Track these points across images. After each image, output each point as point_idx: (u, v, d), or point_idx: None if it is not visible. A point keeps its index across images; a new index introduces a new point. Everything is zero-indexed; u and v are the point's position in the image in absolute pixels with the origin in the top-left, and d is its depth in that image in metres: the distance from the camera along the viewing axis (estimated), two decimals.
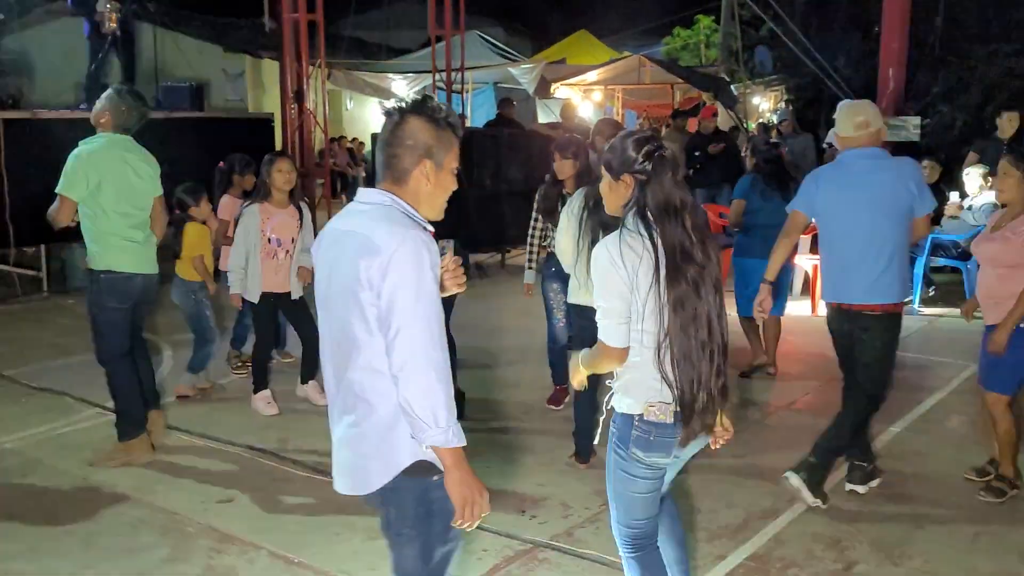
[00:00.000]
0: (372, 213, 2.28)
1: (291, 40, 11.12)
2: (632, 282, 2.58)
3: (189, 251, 5.62)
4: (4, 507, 4.25)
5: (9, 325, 7.77)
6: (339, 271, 2.27)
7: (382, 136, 2.36)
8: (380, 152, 2.36)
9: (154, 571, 3.67)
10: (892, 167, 4.18)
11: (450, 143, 2.36)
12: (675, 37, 25.29)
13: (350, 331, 2.26)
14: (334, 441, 2.43)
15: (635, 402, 2.70)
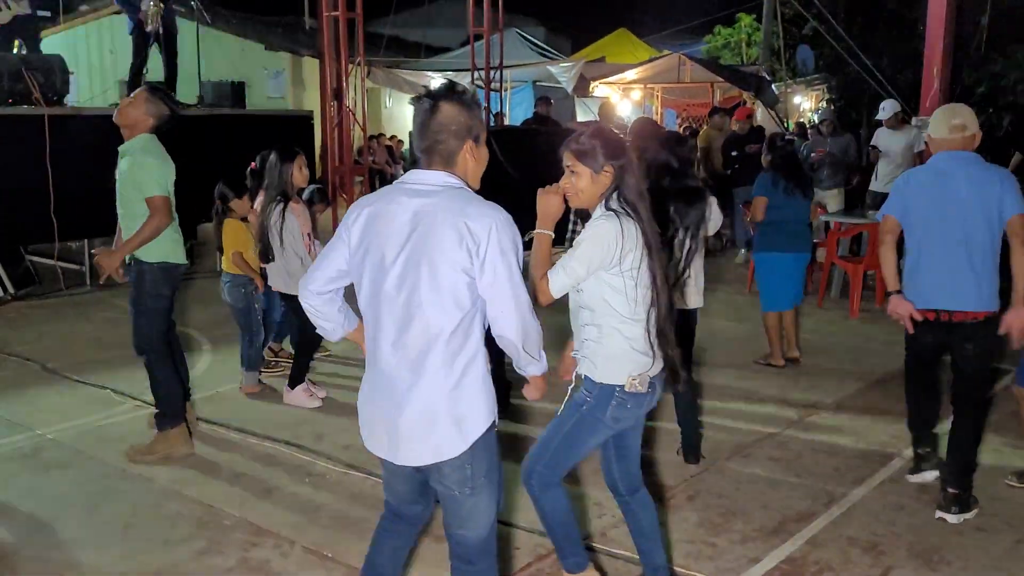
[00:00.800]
0: (449, 194, 2.48)
1: (331, 38, 11.21)
2: (615, 260, 2.88)
3: (229, 247, 5.69)
4: (46, 497, 4.34)
5: (52, 318, 7.92)
6: (427, 247, 2.44)
7: (420, 122, 2.51)
8: (421, 139, 2.52)
9: (190, 563, 3.71)
10: (985, 171, 4.06)
11: (481, 120, 2.60)
12: (716, 36, 25.10)
13: (441, 303, 2.45)
14: (411, 410, 2.53)
15: (618, 374, 2.98)
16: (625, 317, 2.95)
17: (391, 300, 2.50)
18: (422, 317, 2.47)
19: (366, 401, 2.66)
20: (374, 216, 2.53)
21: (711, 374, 6.20)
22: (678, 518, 4.10)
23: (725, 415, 5.44)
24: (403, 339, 2.50)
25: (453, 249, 2.42)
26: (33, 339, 7.15)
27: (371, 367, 2.62)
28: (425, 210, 2.46)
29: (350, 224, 2.57)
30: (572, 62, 17.44)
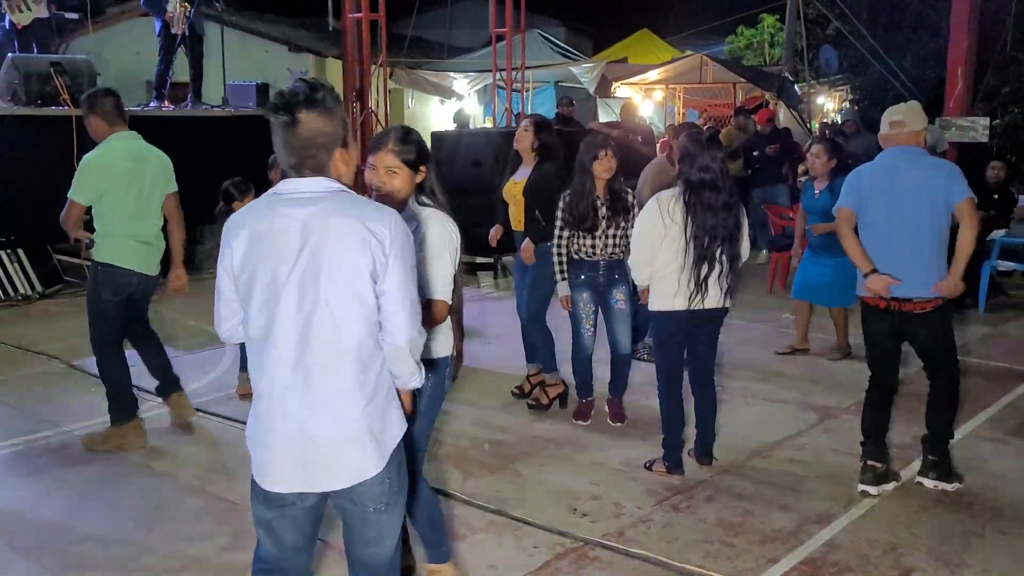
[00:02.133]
0: (337, 199, 2.31)
1: (354, 39, 11.28)
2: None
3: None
4: (70, 493, 4.41)
5: (78, 316, 7.97)
6: (325, 256, 2.27)
7: (282, 140, 2.30)
8: (287, 156, 2.32)
9: (213, 558, 3.77)
10: (931, 163, 4.28)
11: (346, 120, 2.42)
12: (739, 36, 24.99)
13: (351, 313, 2.31)
14: (325, 434, 2.36)
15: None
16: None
17: (289, 320, 2.29)
18: (328, 332, 2.30)
19: (260, 438, 2.40)
20: (256, 236, 2.31)
21: (731, 375, 6.19)
22: (696, 518, 4.11)
23: (745, 416, 5.44)
24: (305, 360, 2.31)
25: (357, 253, 2.27)
26: (59, 337, 7.24)
27: (263, 399, 2.38)
28: (315, 218, 2.28)
29: (230, 250, 2.34)
30: (594, 63, 17.43)
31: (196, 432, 5.23)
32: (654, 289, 4.48)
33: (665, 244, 4.34)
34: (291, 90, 2.30)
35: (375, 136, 3.09)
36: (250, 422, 2.45)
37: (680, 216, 4.31)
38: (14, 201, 8.37)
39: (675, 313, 4.43)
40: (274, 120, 2.30)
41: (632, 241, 4.54)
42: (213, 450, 4.94)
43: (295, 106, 2.27)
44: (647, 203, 4.46)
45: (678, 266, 4.34)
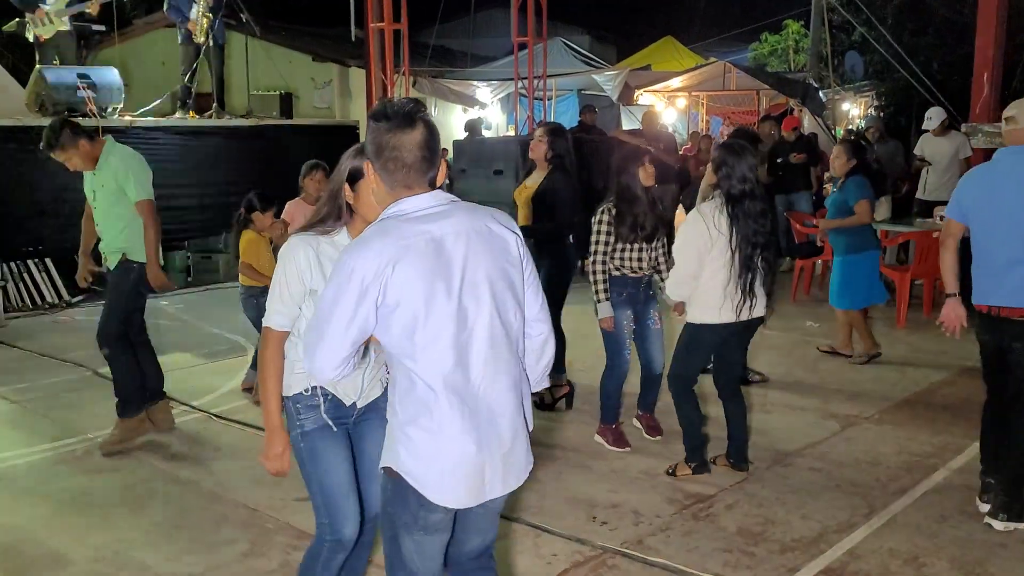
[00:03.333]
0: (462, 206, 2.38)
1: (377, 49, 11.35)
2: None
3: (241, 256, 5.77)
4: (97, 499, 4.47)
5: None
6: (482, 264, 2.32)
7: (430, 146, 2.32)
8: (429, 166, 2.32)
9: (234, 564, 3.80)
10: None
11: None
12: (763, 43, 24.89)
13: (514, 317, 2.40)
14: (505, 439, 2.36)
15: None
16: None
17: (470, 328, 2.30)
18: (503, 332, 2.35)
19: (460, 448, 2.30)
20: (413, 262, 2.24)
21: (752, 383, 6.15)
22: (716, 527, 4.09)
23: (765, 424, 5.40)
24: (492, 370, 2.33)
25: (503, 256, 2.37)
26: (86, 345, 7.29)
27: (455, 408, 2.29)
28: (460, 228, 2.31)
29: (380, 284, 2.23)
30: (617, 70, 17.43)
31: (219, 439, 5.27)
32: (696, 302, 4.41)
33: (711, 256, 4.30)
34: (410, 103, 2.34)
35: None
36: (417, 441, 2.30)
37: (726, 227, 4.29)
38: (41, 211, 8.49)
39: (718, 325, 4.41)
40: (419, 128, 2.30)
41: (677, 255, 4.40)
42: (235, 457, 4.98)
43: (422, 114, 2.33)
44: (689, 216, 4.40)
45: (724, 277, 4.32)
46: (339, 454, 2.85)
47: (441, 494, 2.30)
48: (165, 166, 9.21)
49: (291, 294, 2.73)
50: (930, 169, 9.41)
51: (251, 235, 5.74)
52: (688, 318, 4.50)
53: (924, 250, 8.01)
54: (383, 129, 2.29)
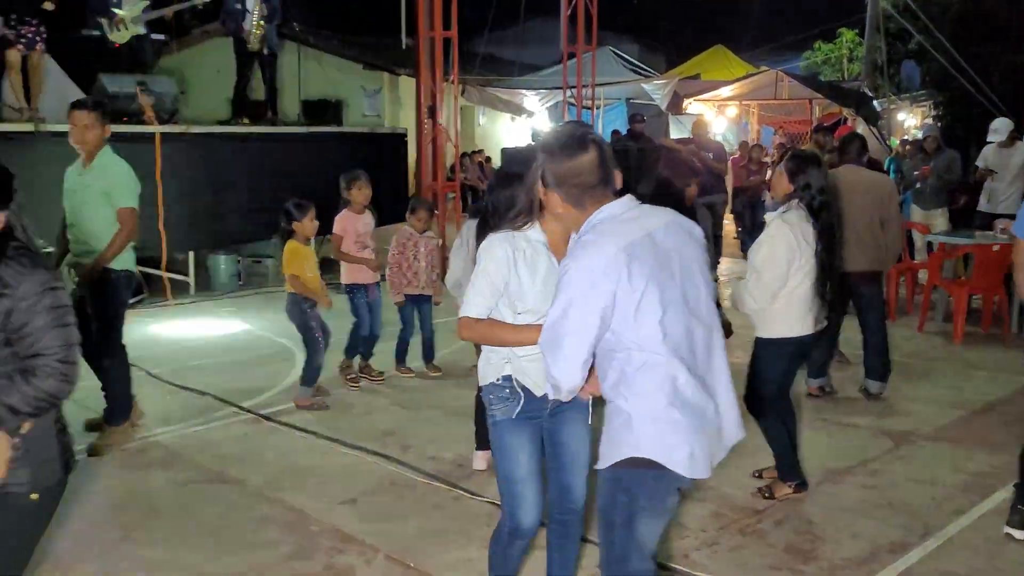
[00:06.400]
0: (647, 209, 2.58)
1: (427, 57, 11.41)
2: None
3: (284, 268, 5.79)
4: (146, 497, 4.53)
5: (158, 327, 8.26)
6: (686, 259, 2.53)
7: (603, 166, 2.53)
8: (610, 177, 2.55)
9: (277, 566, 3.82)
10: None
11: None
12: (816, 51, 24.60)
13: (711, 303, 2.58)
14: (723, 412, 2.59)
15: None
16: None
17: (692, 311, 2.52)
18: (709, 321, 2.57)
19: (689, 431, 2.48)
20: (641, 253, 2.44)
21: (801, 397, 6.04)
22: (764, 543, 4.01)
23: (815, 440, 5.29)
24: (709, 354, 2.56)
25: (697, 251, 2.59)
26: (140, 345, 7.44)
27: (686, 396, 2.48)
28: (662, 222, 2.54)
29: (615, 280, 2.41)
30: (666, 79, 17.36)
31: (265, 441, 5.32)
32: (776, 315, 4.30)
33: (796, 266, 4.22)
34: (578, 128, 2.62)
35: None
36: (662, 424, 2.47)
37: (812, 236, 4.23)
38: None
39: (796, 339, 4.33)
40: (591, 152, 2.51)
41: (762, 266, 4.26)
42: (282, 459, 5.02)
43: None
44: (772, 226, 4.29)
45: (808, 288, 4.25)
46: (525, 447, 2.95)
47: (691, 468, 2.47)
48: (218, 172, 9.39)
49: (491, 288, 2.85)
50: (995, 181, 9.17)
51: (294, 245, 5.76)
52: (764, 333, 4.37)
53: (983, 263, 7.81)
54: (559, 158, 2.52)
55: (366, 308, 6.31)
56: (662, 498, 2.58)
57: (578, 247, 2.50)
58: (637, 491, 2.54)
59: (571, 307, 2.42)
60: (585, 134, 2.53)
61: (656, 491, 2.55)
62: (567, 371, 2.46)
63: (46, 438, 2.45)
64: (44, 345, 2.31)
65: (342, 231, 6.22)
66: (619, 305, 2.42)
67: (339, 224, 6.25)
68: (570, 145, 2.51)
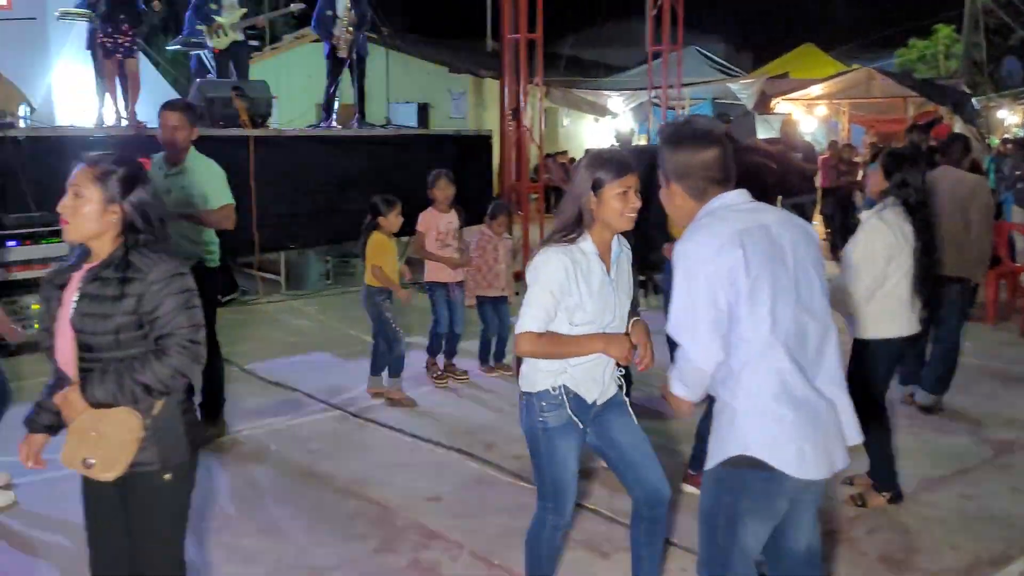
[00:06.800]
0: (762, 206, 2.58)
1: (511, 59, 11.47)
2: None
3: (368, 259, 5.91)
4: (240, 490, 4.67)
5: (251, 323, 8.51)
6: (801, 254, 2.51)
7: (725, 158, 2.55)
8: (727, 171, 2.55)
9: (365, 560, 3.90)
10: None
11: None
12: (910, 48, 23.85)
13: (826, 303, 2.55)
14: (836, 413, 2.52)
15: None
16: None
17: (805, 308, 2.48)
18: (823, 320, 2.52)
19: (801, 430, 2.43)
20: (755, 243, 2.44)
21: (897, 403, 5.86)
22: (856, 552, 3.91)
23: (911, 447, 5.13)
24: (821, 349, 2.51)
25: (814, 248, 2.57)
26: (233, 342, 7.67)
27: (795, 393, 2.43)
28: (778, 217, 2.55)
29: (742, 258, 2.40)
30: (753, 78, 17.08)
31: (352, 437, 5.43)
32: (874, 316, 4.20)
33: (894, 265, 4.13)
34: (705, 123, 2.63)
35: (628, 159, 3.04)
36: (769, 421, 2.43)
37: (911, 235, 4.14)
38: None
39: (897, 339, 4.24)
40: (722, 146, 2.54)
41: (857, 263, 4.16)
42: (369, 455, 5.12)
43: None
44: (868, 224, 4.20)
45: (907, 287, 4.16)
46: (573, 451, 3.03)
47: (800, 468, 2.41)
48: (308, 174, 9.61)
49: (550, 301, 2.89)
50: None
51: (378, 237, 5.89)
52: (862, 334, 4.26)
53: None
54: (685, 151, 2.54)
55: (445, 306, 6.39)
56: (770, 501, 2.50)
57: (694, 228, 2.51)
58: (742, 492, 2.49)
59: (694, 291, 2.43)
60: (714, 129, 2.56)
61: (763, 493, 2.48)
62: (704, 357, 2.46)
63: (172, 419, 2.60)
64: (174, 325, 2.48)
65: (424, 228, 6.32)
66: (732, 289, 2.40)
67: (422, 221, 6.35)
68: (700, 138, 2.53)
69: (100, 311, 2.48)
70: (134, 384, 2.46)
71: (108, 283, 2.49)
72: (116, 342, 2.49)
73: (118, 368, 2.48)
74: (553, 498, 3.08)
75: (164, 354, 2.47)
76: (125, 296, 2.47)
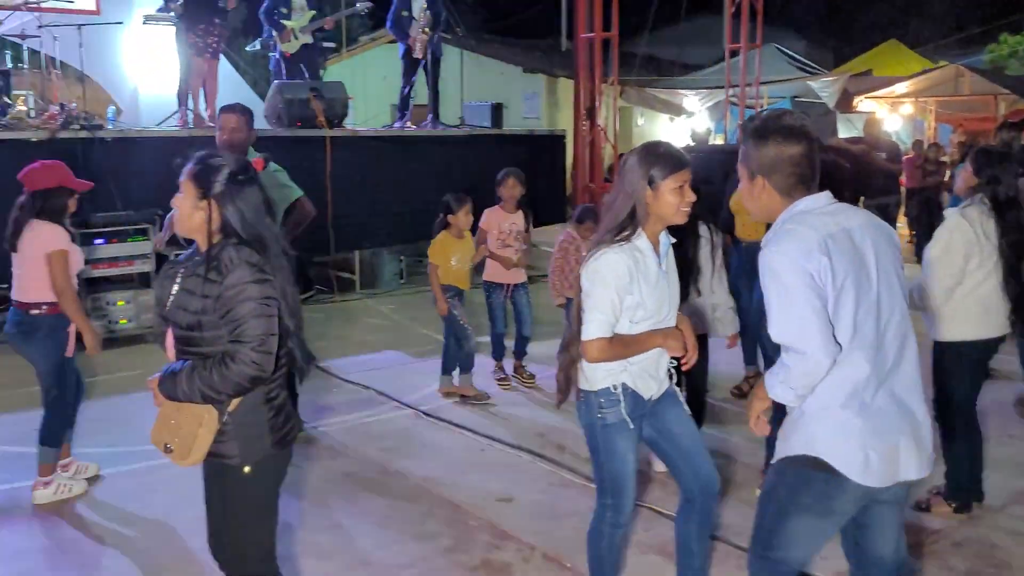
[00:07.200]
0: (849, 207, 2.55)
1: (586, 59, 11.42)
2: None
3: (430, 255, 5.94)
4: (315, 485, 4.73)
5: (326, 321, 8.64)
6: (884, 261, 2.48)
7: (810, 158, 2.51)
8: (816, 172, 2.53)
9: (438, 558, 3.90)
10: None
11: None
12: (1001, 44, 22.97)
13: (903, 316, 2.50)
14: (917, 424, 2.49)
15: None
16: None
17: (887, 315, 2.46)
18: (903, 324, 2.50)
19: (880, 435, 2.42)
20: (840, 249, 2.41)
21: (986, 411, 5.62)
22: (943, 566, 3.77)
23: (1001, 457, 4.92)
24: (901, 354, 2.48)
25: (896, 253, 2.54)
26: (308, 340, 7.71)
27: (878, 390, 2.43)
28: (861, 221, 2.50)
29: (818, 270, 2.37)
30: (834, 76, 16.67)
31: (425, 436, 5.45)
32: (954, 316, 4.05)
33: (974, 264, 3.99)
34: (791, 118, 2.56)
35: (682, 154, 2.99)
36: (837, 425, 2.42)
37: (994, 233, 4.01)
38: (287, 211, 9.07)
39: (979, 342, 4.09)
40: (808, 143, 2.50)
41: (935, 261, 4.03)
42: (441, 454, 5.13)
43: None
44: (950, 220, 4.07)
45: (990, 287, 4.01)
46: (631, 447, 3.06)
47: (864, 474, 2.40)
48: (383, 174, 9.71)
49: (612, 305, 2.87)
50: None
51: (444, 236, 5.93)
52: (942, 336, 4.10)
53: None
54: (773, 145, 2.49)
55: (500, 308, 6.35)
56: (829, 502, 2.49)
57: (779, 234, 2.46)
58: (801, 488, 2.50)
59: (794, 296, 2.37)
60: (803, 124, 2.52)
61: (822, 493, 2.48)
62: (822, 355, 2.36)
63: (253, 415, 2.65)
64: (243, 332, 2.50)
65: (486, 226, 6.31)
66: (821, 296, 2.39)
67: (484, 219, 6.34)
68: (787, 132, 2.49)
69: (186, 305, 2.56)
70: (194, 387, 2.52)
71: (196, 280, 2.56)
72: (200, 338, 2.56)
73: (192, 366, 2.54)
74: (612, 495, 3.10)
75: (232, 362, 2.48)
76: (205, 296, 2.53)
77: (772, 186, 2.52)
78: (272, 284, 2.56)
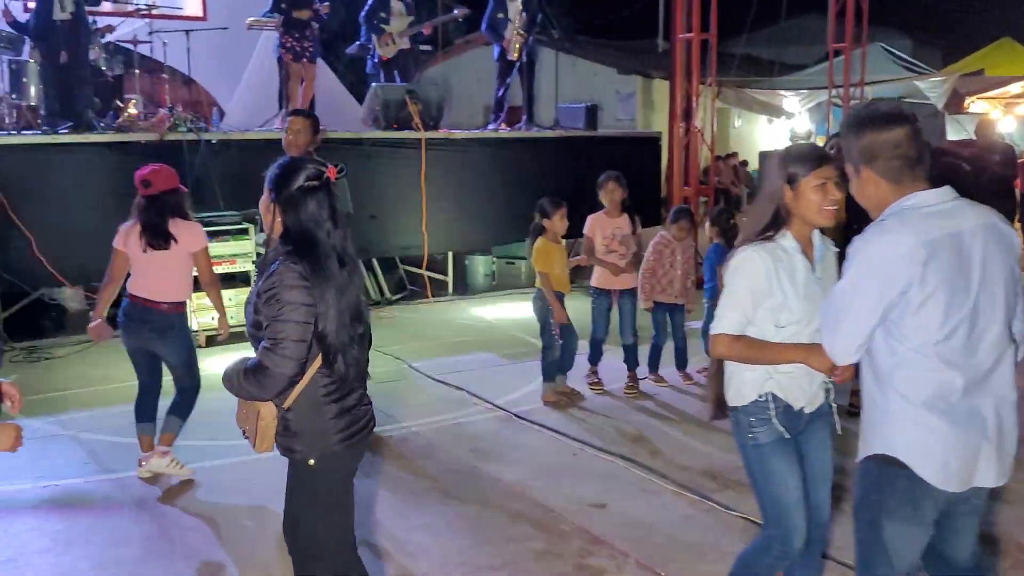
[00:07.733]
0: (969, 202, 2.44)
1: (682, 60, 11.24)
2: None
3: (536, 266, 5.88)
4: (407, 484, 4.75)
5: (419, 322, 8.71)
6: (990, 263, 2.38)
7: (919, 138, 2.43)
8: (924, 161, 2.43)
9: (530, 562, 3.87)
10: None
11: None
12: None
13: (1010, 315, 2.43)
14: (1005, 433, 2.44)
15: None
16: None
17: (984, 325, 2.37)
18: (1003, 333, 2.42)
19: (946, 432, 2.37)
20: (941, 255, 2.32)
21: None
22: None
23: None
24: (997, 361, 2.41)
25: (1008, 256, 2.42)
26: (403, 340, 7.88)
27: (963, 396, 2.37)
28: (975, 224, 2.39)
29: (908, 274, 2.31)
30: (943, 76, 16.02)
31: (517, 438, 5.43)
32: None
33: None
34: (887, 105, 2.48)
35: (823, 151, 2.90)
36: (919, 427, 2.39)
37: None
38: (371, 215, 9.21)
39: None
40: (906, 126, 2.41)
41: None
42: (533, 457, 5.10)
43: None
44: None
45: None
46: (791, 468, 2.88)
47: (942, 479, 2.36)
48: (477, 176, 9.75)
49: (746, 303, 2.80)
50: None
51: (543, 243, 5.86)
52: None
53: None
54: (872, 131, 2.41)
55: (604, 314, 6.25)
56: (914, 503, 2.42)
57: (877, 230, 2.39)
58: (887, 490, 2.45)
59: (857, 287, 2.38)
60: (899, 108, 2.44)
61: (907, 493, 2.41)
62: (844, 347, 2.44)
63: (315, 413, 2.71)
64: (272, 333, 2.58)
65: (591, 232, 6.22)
66: (902, 299, 2.33)
67: (588, 225, 6.25)
68: (883, 118, 2.41)
69: (249, 304, 2.72)
70: (236, 383, 2.65)
71: (257, 282, 2.70)
72: (261, 336, 2.65)
73: (240, 361, 2.68)
74: (777, 523, 2.88)
75: (257, 361, 2.61)
76: (258, 296, 2.64)
77: (877, 174, 2.42)
78: (310, 291, 2.60)
